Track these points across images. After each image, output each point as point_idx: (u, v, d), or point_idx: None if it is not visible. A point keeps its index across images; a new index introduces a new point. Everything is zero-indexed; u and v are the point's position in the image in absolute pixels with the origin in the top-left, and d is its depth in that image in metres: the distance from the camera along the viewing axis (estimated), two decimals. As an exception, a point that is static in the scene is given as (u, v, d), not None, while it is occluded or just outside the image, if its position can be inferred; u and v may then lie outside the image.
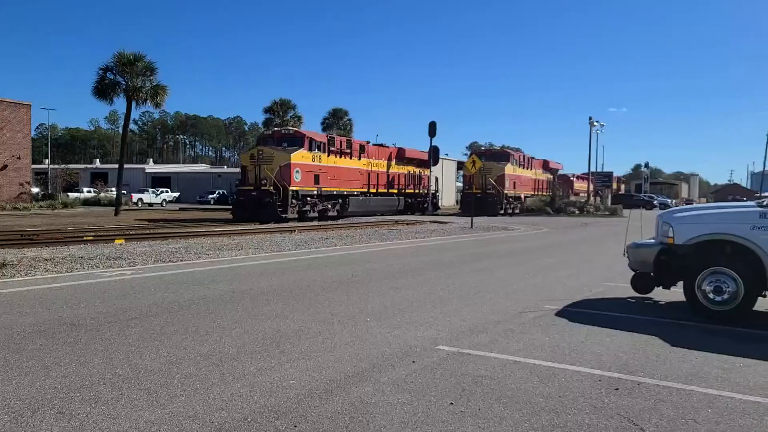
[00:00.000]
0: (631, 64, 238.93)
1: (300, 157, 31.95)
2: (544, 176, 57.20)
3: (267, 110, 52.76)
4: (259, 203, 30.27)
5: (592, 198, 58.09)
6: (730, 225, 7.78)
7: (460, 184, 76.20)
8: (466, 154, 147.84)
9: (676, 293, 9.08)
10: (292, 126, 51.68)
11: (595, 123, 58.88)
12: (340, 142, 36.53)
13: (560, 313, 8.06)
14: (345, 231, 24.23)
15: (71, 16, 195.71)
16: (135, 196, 60.08)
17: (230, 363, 5.43)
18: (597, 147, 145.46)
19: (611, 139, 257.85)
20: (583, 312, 8.20)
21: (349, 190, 36.53)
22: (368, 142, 40.64)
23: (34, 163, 54.26)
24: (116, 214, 38.24)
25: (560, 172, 65.07)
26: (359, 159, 37.93)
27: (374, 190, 39.58)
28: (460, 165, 78.07)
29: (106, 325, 6.77)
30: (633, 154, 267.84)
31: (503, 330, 6.99)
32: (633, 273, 8.95)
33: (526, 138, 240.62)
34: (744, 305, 7.60)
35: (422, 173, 46.28)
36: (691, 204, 75.08)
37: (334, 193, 35.16)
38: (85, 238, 18.35)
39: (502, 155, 47.49)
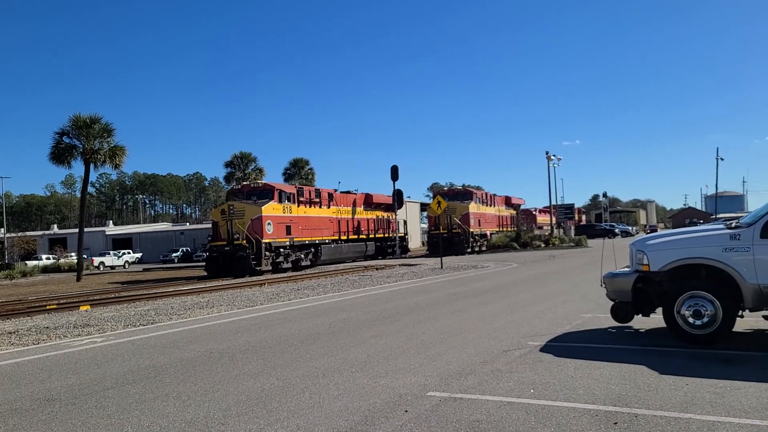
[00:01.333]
0: (582, 97, 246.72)
1: (271, 209, 32.30)
2: (507, 212, 57.96)
3: (228, 164, 52.64)
4: (232, 258, 30.41)
5: (555, 230, 58.91)
6: (702, 249, 7.92)
7: (425, 225, 76.72)
8: (428, 195, 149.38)
9: (654, 320, 9.18)
10: (255, 179, 51.64)
11: (552, 157, 60.27)
12: (309, 191, 36.95)
13: (544, 349, 8.02)
14: (315, 280, 23.99)
15: (20, 80, 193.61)
16: (96, 260, 58.76)
17: (218, 428, 5.21)
18: (555, 180, 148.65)
19: (567, 171, 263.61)
20: (567, 346, 8.19)
21: (320, 238, 36.88)
22: (335, 190, 41.14)
23: (-12, 232, 52.78)
24: (78, 279, 37.25)
25: (522, 206, 66.05)
26: (328, 207, 38.37)
27: (345, 237, 39.95)
28: (424, 206, 78.72)
29: (82, 397, 6.46)
30: (589, 184, 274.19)
31: (491, 370, 6.91)
32: (611, 303, 9.01)
33: (486, 175, 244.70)
34: (723, 327, 7.69)
35: (390, 217, 46.69)
36: (655, 230, 76.97)
37: (306, 242, 35.48)
38: (48, 307, 17.76)
39: (465, 194, 48.07)
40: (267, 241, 31.50)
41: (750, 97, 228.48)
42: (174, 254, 68.32)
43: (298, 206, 34.98)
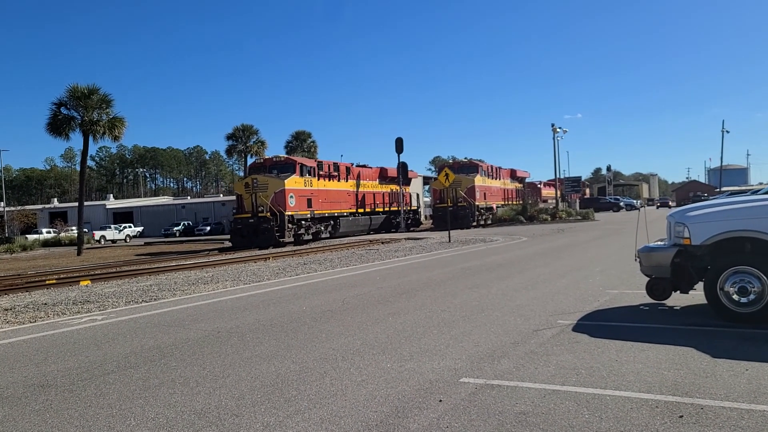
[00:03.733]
0: (583, 69, 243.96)
1: (293, 182, 33.35)
2: (513, 185, 57.27)
3: (229, 137, 51.78)
4: (256, 230, 31.62)
5: (561, 204, 58.25)
6: (750, 221, 7.30)
7: (427, 199, 75.97)
8: (429, 169, 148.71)
9: (688, 297, 8.62)
10: (257, 152, 50.95)
11: (558, 129, 59.31)
12: (328, 165, 37.91)
13: (577, 328, 7.46)
14: (321, 254, 23.44)
15: (17, 50, 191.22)
16: (97, 234, 58.31)
17: (231, 420, 4.65)
18: (559, 153, 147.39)
19: (568, 145, 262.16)
20: (601, 325, 7.62)
21: (339, 211, 38.01)
22: (352, 164, 42.08)
23: (-12, 206, 52.21)
24: (79, 253, 36.76)
25: (527, 180, 65.31)
26: (346, 181, 39.52)
27: (361, 210, 41.20)
28: (426, 180, 77.87)
29: (80, 383, 5.91)
30: (590, 158, 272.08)
31: (525, 353, 6.35)
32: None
33: (487, 148, 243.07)
34: (773, 305, 7.11)
35: (404, 190, 47.63)
36: (666, 203, 76.02)
37: (326, 215, 36.60)
38: (47, 282, 17.24)
39: (471, 167, 47.25)
40: (290, 213, 32.44)
41: (753, 71, 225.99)
42: (175, 228, 67.84)
43: (318, 180, 35.97)
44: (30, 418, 4.92)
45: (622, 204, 74.71)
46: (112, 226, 64.24)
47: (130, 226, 66.19)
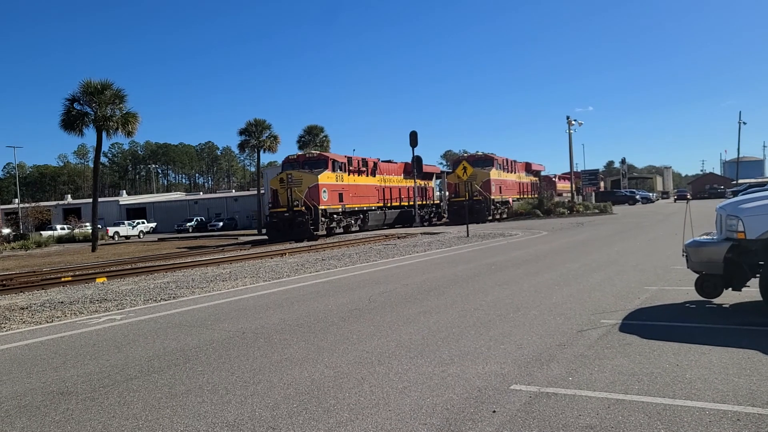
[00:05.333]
0: (594, 63, 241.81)
1: (326, 178, 34.65)
2: (528, 178, 56.60)
3: (242, 132, 51.34)
4: (291, 223, 32.68)
5: (576, 197, 57.54)
6: (811, 213, 6.82)
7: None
8: (441, 163, 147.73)
9: (736, 294, 8.14)
10: (269, 146, 50.67)
11: (573, 122, 58.51)
12: (357, 161, 39.05)
13: (624, 329, 7.01)
14: (338, 250, 23.06)
15: (30, 48, 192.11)
16: (111, 230, 58.29)
17: (268, 434, 4.26)
18: (573, 146, 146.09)
19: (580, 138, 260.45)
20: (649, 325, 7.17)
21: (367, 205, 39.34)
22: (379, 159, 43.17)
23: (3, 203, 52.29)
24: (93, 249, 36.61)
25: (542, 173, 64.59)
26: (374, 176, 40.79)
27: (389, 204, 42.45)
28: (438, 174, 77.24)
29: (102, 390, 5.54)
30: (602, 150, 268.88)
31: (574, 356, 5.91)
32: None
33: (498, 142, 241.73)
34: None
35: (427, 185, 48.85)
36: (685, 196, 74.88)
37: (356, 209, 37.90)
38: (63, 279, 16.98)
39: (486, 160, 46.54)
40: (323, 207, 33.53)
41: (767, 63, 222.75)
42: (188, 224, 67.76)
43: (349, 175, 37.24)
44: (50, 430, 4.55)
45: (638, 197, 73.81)
46: (126, 222, 64.19)
47: (143, 222, 66.15)
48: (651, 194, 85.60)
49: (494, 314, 8.26)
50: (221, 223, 66.39)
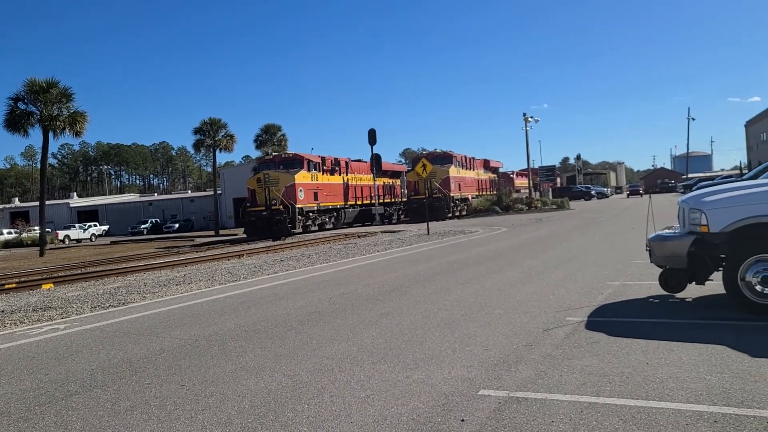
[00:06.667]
0: (548, 59, 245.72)
1: (302, 177, 35.68)
2: (486, 175, 56.93)
3: (197, 131, 50.30)
4: (269, 221, 33.58)
5: (534, 193, 58.17)
6: (773, 205, 6.77)
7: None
8: (400, 161, 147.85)
9: (698, 288, 8.10)
10: (225, 146, 49.84)
11: (530, 119, 59.10)
12: (330, 161, 40.13)
13: (590, 326, 6.86)
14: (297, 250, 22.62)
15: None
16: (61, 233, 56.49)
17: (220, 455, 3.92)
18: (530, 143, 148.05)
19: (536, 135, 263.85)
20: (614, 322, 7.04)
21: (340, 203, 40.53)
22: (349, 159, 44.29)
23: (-56, 207, 50.03)
24: (41, 254, 35.28)
25: (500, 170, 65.08)
26: (346, 174, 41.84)
27: (360, 202, 43.62)
28: (407, 172, 77.06)
29: (37, 408, 5.09)
30: (557, 147, 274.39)
31: (542, 357, 5.71)
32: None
33: (455, 139, 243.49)
34: (800, 296, 6.60)
35: (394, 183, 50.02)
36: (638, 190, 76.57)
37: (329, 207, 39.10)
38: (6, 286, 16.15)
39: (445, 158, 46.56)
40: (299, 206, 34.57)
41: (715, 57, 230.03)
42: (143, 226, 66.17)
43: (323, 174, 38.35)
44: (-25, 459, 4.12)
45: (593, 192, 75.11)
46: (77, 225, 62.23)
47: (95, 225, 64.27)
48: (606, 189, 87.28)
49: (458, 314, 8.03)
50: (177, 225, 65.00)
